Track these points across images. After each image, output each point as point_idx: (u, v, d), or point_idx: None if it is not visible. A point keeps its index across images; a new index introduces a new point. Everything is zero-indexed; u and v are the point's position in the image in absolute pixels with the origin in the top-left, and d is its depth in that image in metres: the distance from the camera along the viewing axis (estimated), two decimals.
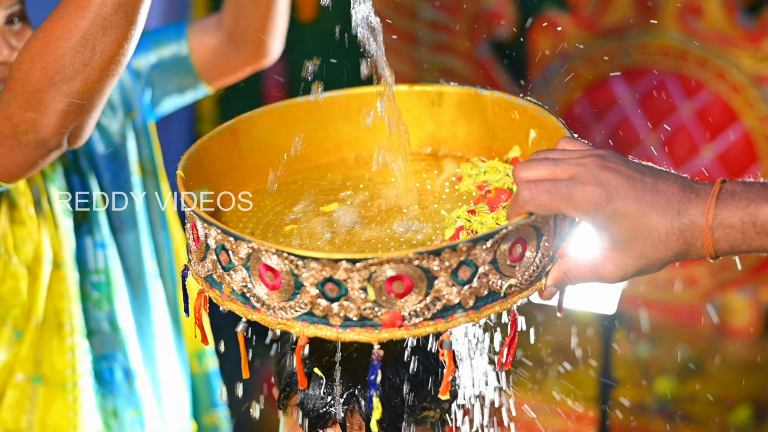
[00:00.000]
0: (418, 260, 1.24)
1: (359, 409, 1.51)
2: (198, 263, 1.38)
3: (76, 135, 1.80)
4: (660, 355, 4.48)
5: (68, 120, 1.75)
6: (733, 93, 4.34)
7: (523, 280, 1.32)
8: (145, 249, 2.22)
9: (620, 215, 1.26)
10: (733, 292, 4.52)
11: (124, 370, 2.19)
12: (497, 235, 1.27)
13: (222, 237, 1.31)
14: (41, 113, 1.73)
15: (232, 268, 1.31)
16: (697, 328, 4.61)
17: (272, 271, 1.27)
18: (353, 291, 1.25)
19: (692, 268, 4.58)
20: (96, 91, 1.74)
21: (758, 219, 1.24)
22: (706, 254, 1.27)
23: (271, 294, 1.29)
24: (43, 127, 1.75)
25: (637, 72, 4.49)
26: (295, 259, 1.25)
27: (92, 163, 2.14)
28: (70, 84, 1.71)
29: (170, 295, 2.30)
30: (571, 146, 1.35)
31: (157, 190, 2.25)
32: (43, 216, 2.04)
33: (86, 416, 2.12)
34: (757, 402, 4.18)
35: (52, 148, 1.80)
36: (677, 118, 4.43)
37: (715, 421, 4.10)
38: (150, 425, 2.23)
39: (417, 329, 1.28)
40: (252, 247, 1.28)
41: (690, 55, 4.38)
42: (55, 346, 2.09)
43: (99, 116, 1.82)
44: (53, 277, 2.07)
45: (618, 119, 4.50)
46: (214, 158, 1.54)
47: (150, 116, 2.24)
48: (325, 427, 1.53)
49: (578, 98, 4.57)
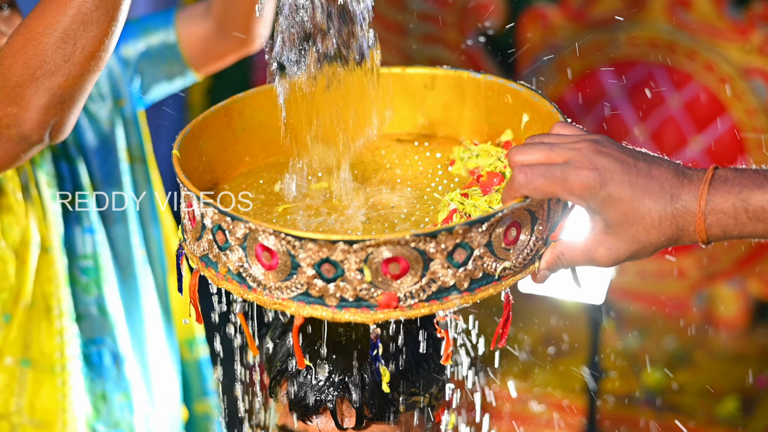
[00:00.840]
0: (415, 242, 1.25)
1: (349, 397, 1.52)
2: (193, 243, 1.38)
3: (58, 130, 1.82)
4: (648, 346, 4.50)
5: (50, 115, 1.77)
6: (722, 85, 4.36)
7: (517, 263, 1.33)
8: (134, 236, 2.23)
9: (614, 200, 1.27)
10: (721, 283, 4.54)
11: (113, 355, 2.20)
12: (493, 219, 1.28)
13: (219, 217, 1.31)
14: (23, 108, 1.75)
15: (229, 248, 1.32)
16: (686, 319, 4.62)
17: (269, 251, 1.28)
18: (350, 272, 1.26)
19: (681, 260, 4.60)
20: (77, 86, 1.76)
21: (750, 205, 1.25)
22: (698, 239, 1.29)
23: (268, 274, 1.29)
24: (25, 122, 1.77)
25: (625, 64, 4.49)
26: (292, 239, 1.26)
27: (81, 150, 2.15)
28: (51, 79, 1.72)
29: (159, 282, 2.31)
30: (565, 131, 1.36)
31: (146, 177, 2.26)
32: (31, 201, 2.06)
33: (75, 399, 2.13)
34: (744, 393, 4.19)
35: (33, 143, 1.81)
36: (666, 109, 4.44)
37: (702, 412, 4.11)
38: (139, 410, 2.24)
39: (412, 310, 1.29)
40: (249, 228, 1.28)
41: (679, 47, 4.39)
42: (43, 330, 2.10)
43: (80, 111, 1.84)
44: (41, 261, 2.09)
45: (607, 111, 4.51)
46: (209, 138, 1.55)
47: (139, 104, 2.25)
48: (316, 414, 1.53)
49: (567, 90, 4.59)
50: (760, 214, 1.25)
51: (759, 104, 4.31)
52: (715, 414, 4.11)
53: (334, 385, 1.52)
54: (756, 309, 4.57)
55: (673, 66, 4.41)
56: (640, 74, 4.48)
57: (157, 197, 2.31)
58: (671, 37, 4.39)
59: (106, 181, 2.18)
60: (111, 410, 2.20)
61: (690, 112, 4.41)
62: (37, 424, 2.11)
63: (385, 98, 1.56)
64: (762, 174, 1.27)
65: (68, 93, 1.75)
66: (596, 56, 4.53)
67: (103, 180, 2.18)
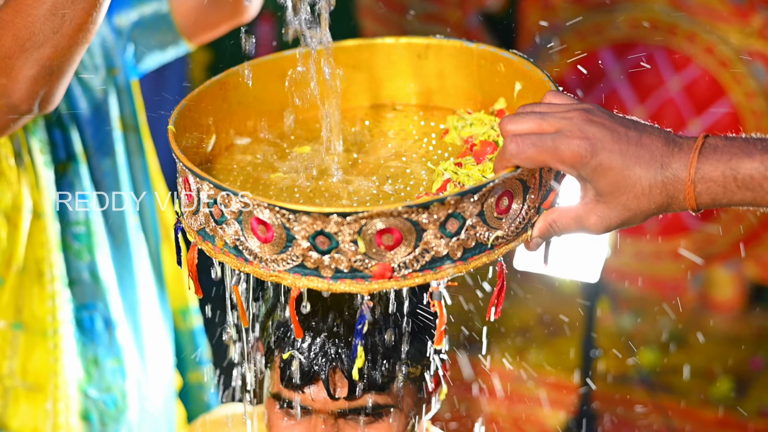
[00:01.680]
0: (407, 213, 1.26)
1: (341, 368, 1.54)
2: (190, 217, 1.40)
3: (47, 100, 1.85)
4: (643, 327, 4.52)
5: (38, 85, 1.80)
6: (721, 68, 4.36)
7: (509, 232, 1.34)
8: (126, 203, 2.25)
9: (605, 168, 1.29)
10: (717, 266, 4.55)
11: (105, 320, 2.22)
12: (484, 189, 1.29)
13: (214, 191, 1.33)
14: (12, 79, 1.78)
15: (225, 222, 1.33)
16: (681, 301, 4.64)
17: (264, 224, 1.29)
18: (344, 244, 1.28)
19: (677, 242, 4.61)
20: (65, 58, 1.79)
21: (739, 173, 1.27)
22: (688, 207, 1.30)
23: (264, 247, 1.31)
24: (14, 92, 1.80)
25: (625, 45, 4.49)
26: (286, 213, 1.27)
27: (74, 118, 2.18)
28: (40, 51, 1.76)
29: (153, 250, 2.33)
30: (557, 100, 1.37)
31: (139, 145, 2.28)
32: (24, 168, 2.08)
33: (67, 363, 2.16)
34: (738, 375, 4.21)
35: (23, 113, 1.85)
36: (665, 92, 4.45)
37: (696, 392, 4.13)
38: (131, 375, 2.26)
39: (406, 280, 1.30)
40: (244, 202, 1.30)
41: (679, 30, 4.39)
42: (35, 294, 2.13)
43: (68, 83, 1.87)
44: (33, 226, 2.11)
45: (606, 92, 4.52)
46: (204, 112, 1.56)
47: (133, 73, 2.27)
48: (309, 384, 1.55)
49: (567, 70, 4.59)
50: (749, 183, 1.26)
51: (758, 87, 4.31)
52: (709, 395, 4.12)
53: (327, 356, 1.54)
54: (751, 292, 4.58)
55: (673, 48, 4.42)
56: (640, 56, 4.48)
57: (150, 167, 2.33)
58: (671, 20, 4.39)
59: (99, 149, 2.20)
60: (103, 375, 2.22)
61: (689, 95, 4.42)
62: (29, 387, 2.14)
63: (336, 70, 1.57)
64: (752, 142, 1.28)
65: (56, 64, 1.79)
66: (596, 37, 4.54)
67: (96, 148, 2.20)
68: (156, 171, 2.36)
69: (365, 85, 1.70)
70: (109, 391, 2.23)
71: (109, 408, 2.23)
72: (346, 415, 1.58)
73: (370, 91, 1.70)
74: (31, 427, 2.14)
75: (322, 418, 1.58)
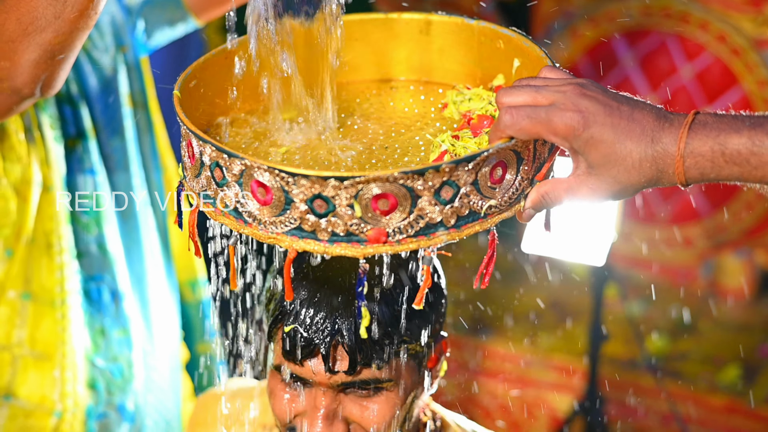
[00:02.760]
0: (403, 179, 1.29)
1: (342, 342, 1.56)
2: (193, 179, 1.43)
3: (48, 84, 1.89)
4: (653, 313, 4.53)
5: (40, 69, 1.84)
6: (733, 56, 4.37)
7: (502, 202, 1.37)
8: (135, 178, 2.29)
9: (596, 141, 1.31)
10: (728, 253, 4.57)
11: (112, 292, 2.26)
12: (479, 158, 1.32)
13: (216, 154, 1.36)
14: (15, 62, 1.83)
15: (226, 184, 1.36)
16: (692, 288, 4.66)
17: (264, 187, 1.32)
18: (341, 207, 1.30)
19: (688, 229, 4.63)
20: (67, 43, 1.83)
21: (727, 148, 1.29)
22: (677, 181, 1.32)
23: (263, 209, 1.34)
24: (17, 75, 1.84)
25: (638, 33, 4.51)
26: (286, 176, 1.30)
27: (84, 94, 2.21)
28: (42, 35, 1.80)
29: (161, 224, 2.36)
30: (552, 74, 1.40)
31: (148, 122, 2.32)
32: (34, 143, 2.12)
33: (74, 332, 2.20)
34: (746, 362, 4.23)
35: (25, 96, 1.89)
36: (677, 79, 4.47)
37: (704, 378, 4.15)
38: (137, 346, 2.30)
39: (401, 245, 1.33)
40: (245, 164, 1.33)
41: (691, 18, 4.40)
42: (44, 265, 2.17)
43: (70, 68, 1.91)
44: (43, 199, 2.15)
45: (619, 79, 4.53)
46: (209, 80, 1.59)
47: (142, 50, 2.30)
48: (309, 357, 1.58)
49: (580, 58, 4.61)
50: (736, 158, 1.29)
51: None
52: (717, 381, 4.14)
53: (328, 330, 1.56)
54: (762, 279, 4.60)
55: (685, 36, 4.43)
56: (653, 44, 4.50)
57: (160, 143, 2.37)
58: (684, 8, 4.40)
59: (108, 126, 2.24)
60: (110, 345, 2.26)
61: (702, 83, 4.43)
62: (38, 355, 2.18)
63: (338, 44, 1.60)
64: (740, 119, 1.31)
65: (58, 48, 1.83)
66: (609, 25, 4.55)
67: (105, 124, 2.24)
68: (166, 147, 2.40)
69: (367, 58, 1.73)
70: (115, 361, 2.27)
71: (116, 377, 2.27)
72: (346, 389, 1.60)
73: (372, 64, 1.73)
74: (39, 394, 2.18)
75: (323, 390, 1.60)
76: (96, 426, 2.25)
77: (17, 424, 2.19)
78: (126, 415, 2.29)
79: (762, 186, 1.33)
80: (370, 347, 1.56)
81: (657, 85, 4.48)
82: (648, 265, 4.70)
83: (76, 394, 2.21)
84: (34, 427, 2.19)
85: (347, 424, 1.61)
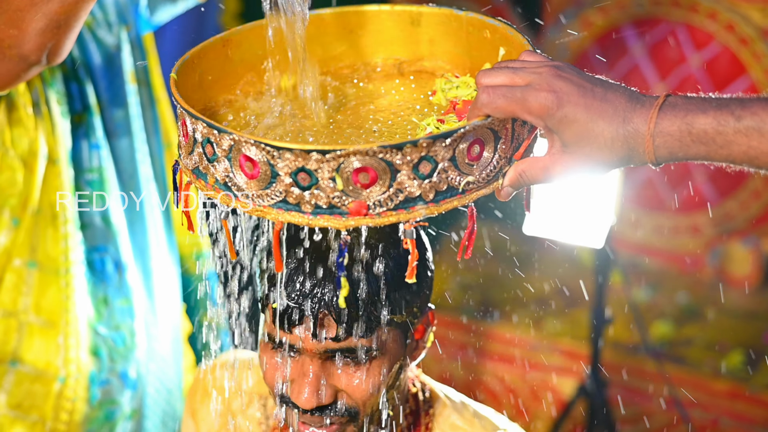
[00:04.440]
0: (382, 153, 1.35)
1: (328, 310, 1.60)
2: (187, 157, 1.49)
3: (55, 52, 1.97)
4: (660, 300, 4.57)
5: (46, 38, 1.92)
6: (741, 45, 4.40)
7: (480, 179, 1.42)
8: (138, 153, 2.35)
9: (570, 120, 1.37)
10: (735, 241, 4.60)
11: (115, 262, 2.33)
12: (456, 134, 1.37)
13: (207, 131, 1.42)
14: (22, 30, 1.90)
15: (216, 160, 1.42)
16: (699, 276, 4.69)
17: (251, 161, 1.38)
18: (323, 180, 1.36)
19: (696, 218, 4.66)
20: (72, 13, 1.91)
21: (693, 128, 1.34)
22: (647, 160, 1.37)
23: (250, 183, 1.40)
24: (24, 43, 1.92)
25: (648, 22, 4.55)
26: (271, 149, 1.36)
27: (89, 72, 2.28)
28: (48, 5, 1.88)
29: (164, 198, 2.42)
30: (531, 58, 1.46)
31: (150, 99, 2.38)
32: (41, 117, 2.19)
33: (78, 301, 2.27)
34: (750, 348, 4.26)
35: (32, 63, 1.97)
36: (686, 68, 4.49)
37: (708, 364, 4.19)
38: (139, 315, 2.37)
39: (381, 218, 1.39)
40: (233, 139, 1.39)
41: (700, 7, 4.43)
42: (49, 235, 2.23)
43: (76, 37, 1.98)
44: (49, 171, 2.22)
45: (628, 68, 4.57)
46: (207, 66, 1.65)
47: (145, 27, 2.36)
48: (297, 325, 1.62)
49: (590, 47, 4.64)
50: (703, 137, 1.34)
51: None
52: (720, 366, 4.18)
53: (316, 298, 1.61)
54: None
55: (694, 25, 4.45)
56: (662, 33, 4.53)
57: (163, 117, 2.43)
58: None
59: (111, 102, 2.31)
60: (112, 314, 2.33)
61: (710, 72, 4.45)
62: (43, 322, 2.25)
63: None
64: (708, 101, 1.36)
65: (63, 19, 1.91)
66: (619, 14, 4.58)
67: (109, 100, 2.31)
68: (171, 123, 2.46)
69: (360, 48, 1.79)
70: (118, 330, 2.33)
71: (118, 345, 2.34)
72: (333, 357, 1.65)
73: (364, 53, 1.79)
74: (44, 360, 2.25)
75: (310, 358, 1.64)
76: (99, 392, 2.32)
77: (23, 389, 2.26)
78: (128, 383, 2.36)
79: (728, 165, 1.38)
80: (355, 316, 1.60)
81: (666, 73, 4.51)
82: (656, 253, 4.74)
83: (80, 361, 2.28)
84: (40, 392, 2.26)
85: (335, 392, 1.66)
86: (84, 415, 2.31)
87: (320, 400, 1.65)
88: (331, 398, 1.66)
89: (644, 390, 4.15)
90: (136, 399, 2.40)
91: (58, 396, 2.27)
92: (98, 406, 2.33)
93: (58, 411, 2.28)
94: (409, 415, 1.83)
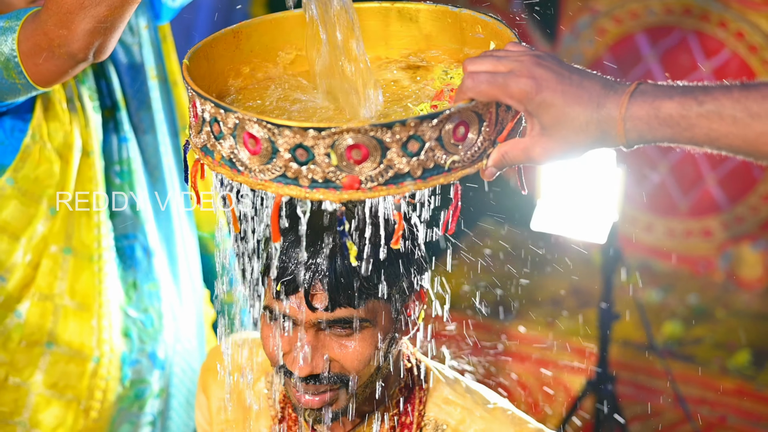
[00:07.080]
0: (373, 131, 1.45)
1: (322, 281, 1.70)
2: (196, 136, 1.60)
3: (101, 50, 2.09)
4: (672, 301, 4.63)
5: (93, 38, 2.05)
6: (751, 53, 4.47)
7: (465, 158, 1.53)
8: (162, 146, 2.47)
9: (548, 105, 1.48)
10: (746, 245, 4.67)
11: (144, 249, 2.45)
12: (441, 115, 1.48)
13: (215, 110, 1.53)
14: (72, 31, 2.03)
15: (222, 137, 1.53)
16: (710, 278, 4.74)
17: (254, 138, 1.49)
18: (319, 156, 1.46)
19: (707, 221, 4.73)
20: (117, 15, 2.03)
21: (660, 112, 1.45)
22: (619, 143, 1.48)
23: (253, 158, 1.50)
24: (73, 42, 2.04)
25: (660, 30, 4.62)
26: (272, 127, 1.47)
27: (116, 70, 2.41)
28: (97, 9, 2.01)
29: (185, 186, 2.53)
30: (514, 48, 1.57)
31: (167, 94, 2.51)
32: (75, 112, 2.32)
33: (109, 285, 2.39)
34: (758, 348, 4.32)
35: (79, 60, 2.09)
36: (697, 75, 4.55)
37: (715, 363, 4.25)
38: (166, 299, 2.48)
39: (372, 192, 1.49)
40: (238, 117, 1.50)
41: (711, 16, 4.50)
42: (83, 223, 2.36)
43: (119, 35, 2.10)
44: (82, 163, 2.35)
45: (641, 74, 4.64)
46: (218, 56, 1.76)
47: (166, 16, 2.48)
48: (292, 295, 1.72)
49: (604, 53, 4.72)
50: (668, 120, 1.45)
51: None
52: (727, 365, 4.24)
53: (310, 269, 1.70)
54: None
55: (705, 33, 4.52)
56: (674, 41, 4.61)
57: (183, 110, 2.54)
58: (704, 6, 4.49)
59: (135, 98, 2.44)
60: (141, 297, 2.44)
61: (720, 78, 4.48)
62: (77, 305, 2.37)
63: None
64: (675, 88, 1.46)
65: (110, 20, 2.03)
66: (633, 22, 4.67)
67: (133, 96, 2.43)
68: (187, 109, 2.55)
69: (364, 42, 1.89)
70: (146, 312, 2.45)
71: (147, 327, 2.45)
72: (326, 327, 1.72)
73: (367, 47, 1.87)
74: (78, 341, 2.37)
75: (305, 328, 1.74)
76: (130, 371, 2.43)
77: (59, 369, 2.37)
78: (157, 363, 2.47)
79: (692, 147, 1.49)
80: (347, 286, 1.70)
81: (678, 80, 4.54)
82: (668, 256, 4.80)
83: (112, 342, 2.39)
84: (74, 372, 2.38)
85: (328, 360, 1.74)
86: (116, 393, 2.42)
87: (314, 368, 1.73)
88: (325, 367, 1.74)
89: (653, 387, 4.21)
90: (164, 378, 2.50)
91: (93, 375, 2.38)
92: (129, 385, 2.44)
93: (93, 390, 2.39)
94: (404, 388, 1.90)
